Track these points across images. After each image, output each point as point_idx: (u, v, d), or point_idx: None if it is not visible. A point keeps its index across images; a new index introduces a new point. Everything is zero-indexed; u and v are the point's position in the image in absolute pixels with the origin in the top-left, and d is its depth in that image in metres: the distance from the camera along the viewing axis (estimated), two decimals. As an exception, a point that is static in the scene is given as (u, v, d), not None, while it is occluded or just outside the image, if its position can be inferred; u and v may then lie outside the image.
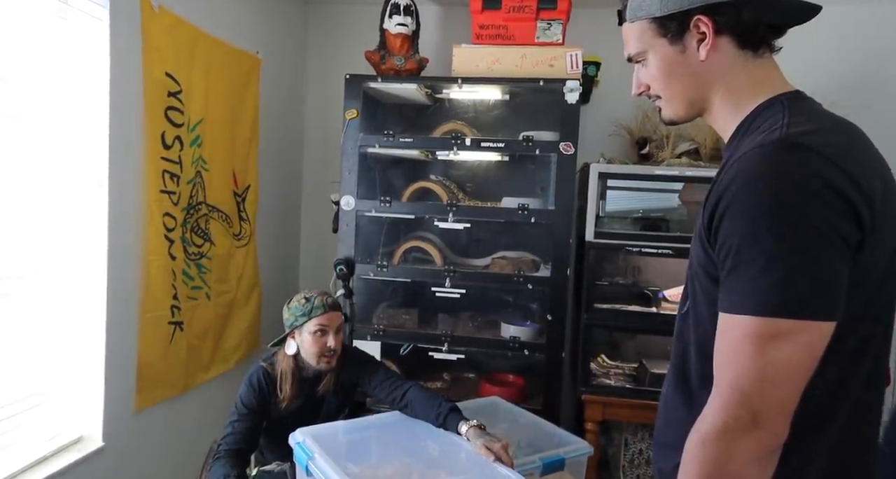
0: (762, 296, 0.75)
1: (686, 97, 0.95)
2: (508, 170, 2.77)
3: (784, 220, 0.74)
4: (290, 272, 3.20)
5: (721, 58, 0.90)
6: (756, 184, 0.76)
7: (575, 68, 2.37)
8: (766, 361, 0.75)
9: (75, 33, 1.72)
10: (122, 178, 1.85)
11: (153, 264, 2.00)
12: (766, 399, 0.75)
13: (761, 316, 0.75)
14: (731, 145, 0.91)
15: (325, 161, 3.09)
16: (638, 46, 0.97)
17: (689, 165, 2.40)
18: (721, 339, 0.80)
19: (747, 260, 0.76)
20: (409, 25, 2.52)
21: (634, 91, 1.02)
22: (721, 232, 0.79)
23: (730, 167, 0.81)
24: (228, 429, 1.77)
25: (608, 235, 2.40)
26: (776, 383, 0.75)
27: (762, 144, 0.79)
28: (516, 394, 2.48)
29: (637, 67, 1.00)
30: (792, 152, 0.77)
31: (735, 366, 0.77)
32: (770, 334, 0.74)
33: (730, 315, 0.78)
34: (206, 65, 2.22)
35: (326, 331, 1.81)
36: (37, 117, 1.65)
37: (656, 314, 2.41)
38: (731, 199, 0.78)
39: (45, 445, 1.74)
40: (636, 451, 2.53)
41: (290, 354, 1.84)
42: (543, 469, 1.70)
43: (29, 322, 1.68)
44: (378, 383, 1.86)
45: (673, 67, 0.93)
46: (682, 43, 0.91)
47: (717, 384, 0.80)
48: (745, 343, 0.76)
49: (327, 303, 1.83)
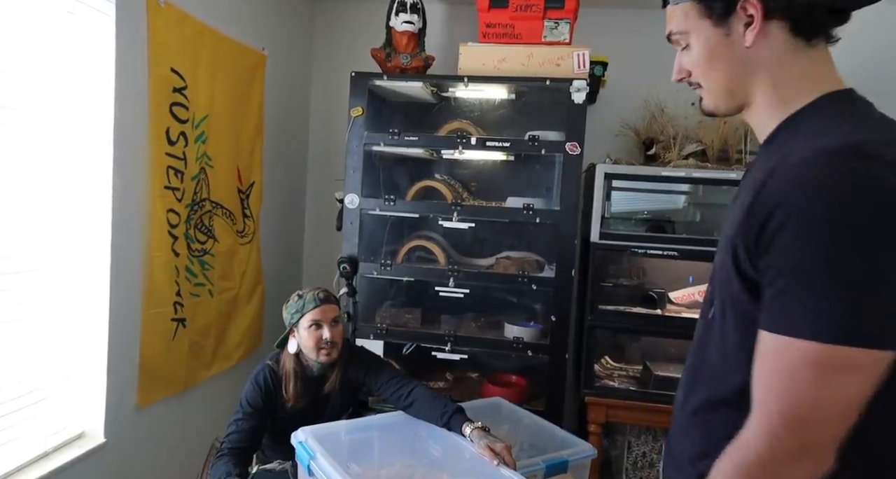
0: (826, 320, 0.69)
1: (727, 86, 0.88)
2: (513, 169, 2.75)
3: (849, 239, 0.68)
4: (293, 270, 3.19)
5: (769, 45, 0.82)
6: (817, 197, 0.69)
7: (582, 68, 2.35)
8: (828, 392, 0.69)
9: (81, 28, 1.71)
10: (125, 173, 1.85)
11: (156, 261, 2.00)
12: (822, 431, 0.71)
13: (823, 343, 0.69)
14: (772, 146, 0.84)
15: (330, 159, 3.09)
16: (681, 25, 0.89)
17: (696, 166, 2.39)
18: (768, 360, 0.74)
19: (810, 279, 0.70)
20: (416, 23, 2.50)
21: (675, 76, 0.94)
22: (774, 247, 0.73)
23: (783, 172, 0.74)
24: (232, 427, 1.77)
25: (613, 236, 2.38)
26: (836, 415, 0.70)
27: (826, 151, 0.72)
28: (519, 395, 2.46)
29: (679, 52, 0.93)
30: (860, 162, 0.70)
31: (789, 393, 0.72)
32: (836, 364, 0.69)
33: (781, 336, 0.72)
34: (212, 61, 2.21)
35: (321, 324, 1.81)
36: (41, 112, 1.64)
37: (661, 316, 2.39)
38: (792, 210, 0.71)
39: (47, 441, 1.73)
40: (639, 454, 2.51)
41: (292, 352, 1.84)
42: (546, 472, 1.69)
43: (31, 318, 1.68)
44: (384, 382, 1.86)
45: (716, 52, 0.86)
46: (728, 26, 0.84)
47: (763, 410, 0.74)
48: (804, 370, 0.70)
49: (319, 297, 1.84)
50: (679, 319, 2.37)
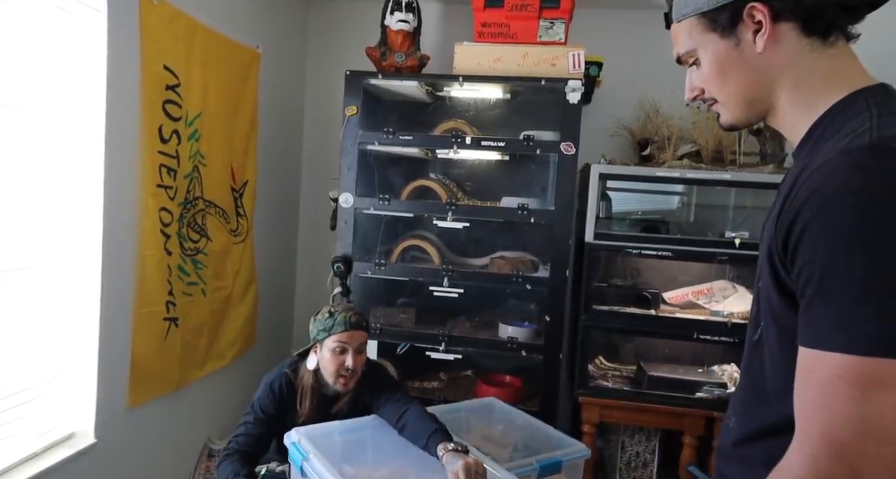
0: (856, 330, 0.63)
1: (744, 97, 0.84)
2: (508, 169, 2.75)
3: (881, 239, 0.63)
4: (287, 269, 3.18)
5: (782, 49, 0.78)
6: (844, 197, 0.65)
7: (577, 68, 2.35)
8: (868, 409, 0.63)
9: (73, 24, 1.70)
10: (118, 171, 1.83)
11: (148, 260, 1.98)
12: (869, 455, 0.63)
13: (857, 355, 0.63)
14: (803, 151, 0.80)
15: (324, 158, 3.07)
16: (687, 45, 0.86)
17: (691, 167, 2.39)
18: (804, 378, 0.69)
19: (836, 287, 0.65)
20: (411, 22, 2.49)
21: (687, 96, 0.91)
22: (801, 253, 0.69)
23: (808, 178, 0.69)
24: (241, 429, 1.74)
25: (608, 236, 2.38)
26: (882, 437, 0.63)
27: (848, 150, 0.68)
28: (513, 395, 2.46)
29: (689, 70, 0.89)
30: (885, 159, 0.66)
31: (825, 412, 0.66)
32: (870, 378, 0.63)
33: (814, 351, 0.67)
34: (205, 58, 2.19)
35: (346, 349, 1.74)
36: (32, 109, 1.62)
37: (655, 317, 2.40)
38: (814, 214, 0.67)
39: (37, 441, 1.72)
40: (633, 453, 2.51)
41: (310, 368, 1.79)
42: (540, 472, 1.68)
43: (21, 317, 1.66)
44: (382, 404, 1.77)
45: (727, 64, 0.82)
46: (736, 35, 0.80)
47: (803, 431, 0.68)
48: (839, 386, 0.64)
49: (350, 321, 1.75)
50: (673, 319, 2.37)
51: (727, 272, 2.50)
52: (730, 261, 2.35)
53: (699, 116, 2.52)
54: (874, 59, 0.98)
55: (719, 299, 2.42)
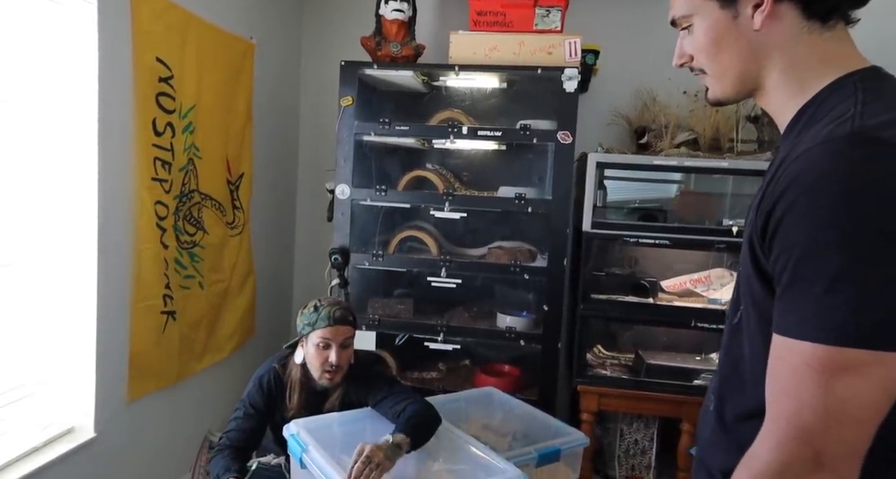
0: (827, 320, 0.64)
1: (735, 72, 0.82)
2: (505, 159, 2.74)
3: (856, 230, 0.63)
4: (285, 261, 3.17)
5: (780, 28, 0.77)
6: (823, 187, 0.65)
7: (573, 56, 2.33)
8: (832, 397, 0.64)
9: (64, 16, 1.68)
10: (112, 165, 1.82)
11: (145, 253, 1.97)
12: (832, 439, 0.65)
13: (826, 344, 0.64)
14: (790, 136, 0.78)
15: (320, 149, 3.06)
16: (684, 9, 0.84)
17: (688, 155, 2.38)
18: (776, 365, 0.70)
19: (810, 276, 0.65)
20: (406, 11, 2.47)
21: (675, 61, 0.89)
22: (778, 241, 0.69)
23: (789, 165, 0.69)
24: (232, 424, 1.73)
25: (605, 225, 2.38)
26: (844, 422, 0.64)
27: (829, 138, 0.67)
28: (512, 385, 2.47)
29: (681, 35, 0.87)
30: (865, 149, 0.65)
31: (794, 399, 0.67)
32: (838, 366, 0.64)
33: (786, 339, 0.68)
34: (199, 50, 2.17)
35: (330, 345, 1.72)
36: (24, 102, 1.61)
37: (653, 305, 2.40)
38: (791, 203, 0.67)
39: (37, 435, 1.72)
40: (631, 441, 2.53)
41: (297, 362, 1.78)
42: (539, 461, 1.69)
43: (19, 311, 1.66)
44: (378, 401, 1.76)
45: (722, 36, 0.80)
46: (735, 8, 0.78)
47: (773, 417, 0.70)
48: (806, 373, 0.65)
49: (334, 316, 1.72)
50: (671, 307, 2.38)
51: (724, 260, 2.49)
52: (727, 249, 2.35)
53: (696, 105, 2.51)
54: (873, 44, 0.97)
55: (717, 287, 2.42)
